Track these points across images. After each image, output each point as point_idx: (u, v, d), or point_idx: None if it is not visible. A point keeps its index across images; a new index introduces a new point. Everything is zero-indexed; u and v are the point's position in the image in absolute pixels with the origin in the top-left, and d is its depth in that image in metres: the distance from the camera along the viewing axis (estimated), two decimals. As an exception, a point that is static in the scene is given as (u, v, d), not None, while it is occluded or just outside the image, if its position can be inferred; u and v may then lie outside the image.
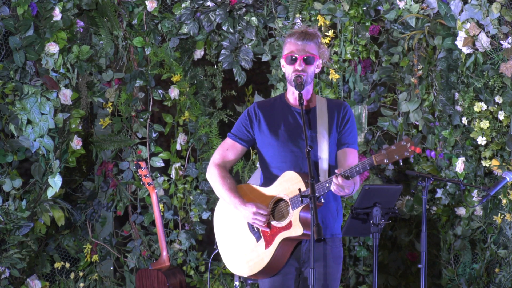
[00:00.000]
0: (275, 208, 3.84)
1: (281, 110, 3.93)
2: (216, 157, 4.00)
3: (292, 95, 3.94)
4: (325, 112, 3.92)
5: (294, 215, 3.76)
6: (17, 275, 5.44)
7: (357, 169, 3.66)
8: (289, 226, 3.77)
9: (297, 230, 3.75)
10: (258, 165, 4.10)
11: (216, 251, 4.07)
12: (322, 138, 3.86)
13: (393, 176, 5.96)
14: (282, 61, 3.93)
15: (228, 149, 3.98)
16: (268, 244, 3.80)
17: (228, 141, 3.99)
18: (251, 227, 3.86)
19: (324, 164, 3.86)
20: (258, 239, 3.83)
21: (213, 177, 3.97)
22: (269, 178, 3.90)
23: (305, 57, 3.84)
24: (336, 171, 3.70)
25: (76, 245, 5.93)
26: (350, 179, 3.67)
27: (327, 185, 3.70)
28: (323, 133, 3.87)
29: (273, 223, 3.81)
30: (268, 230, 3.82)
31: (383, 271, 5.91)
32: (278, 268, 3.82)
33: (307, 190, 3.69)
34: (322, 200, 3.79)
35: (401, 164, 5.93)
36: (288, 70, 3.88)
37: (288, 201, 3.78)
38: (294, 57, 3.85)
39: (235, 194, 3.87)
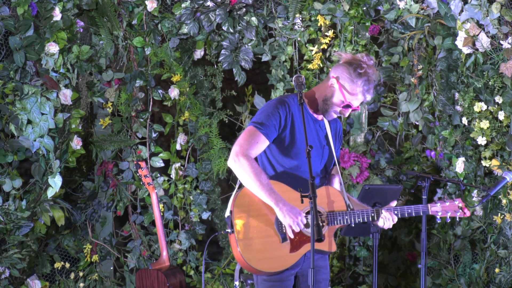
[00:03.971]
0: (307, 216, 3.80)
1: (304, 115, 3.83)
2: (246, 147, 3.76)
3: (315, 107, 3.90)
4: (329, 127, 3.97)
5: (330, 230, 3.78)
6: (17, 275, 5.44)
7: (409, 211, 3.87)
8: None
9: (331, 246, 3.80)
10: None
11: (227, 231, 3.91)
12: (333, 150, 3.94)
13: (393, 176, 5.96)
14: (336, 87, 3.81)
15: (259, 143, 3.78)
16: (294, 249, 3.77)
17: (259, 135, 3.78)
18: (278, 226, 3.79)
19: (336, 169, 3.96)
20: (283, 240, 3.78)
21: (246, 169, 3.74)
22: (279, 175, 3.84)
23: (354, 109, 3.86)
24: (391, 204, 3.87)
25: (76, 245, 5.93)
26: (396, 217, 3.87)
27: (372, 215, 3.82)
28: (333, 146, 3.95)
29: (304, 231, 3.78)
30: (295, 236, 3.79)
31: (383, 271, 5.91)
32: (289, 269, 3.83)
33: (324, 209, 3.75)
34: (353, 225, 3.85)
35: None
36: (335, 104, 3.81)
37: (325, 214, 3.78)
38: (349, 105, 3.83)
39: (275, 191, 3.72)
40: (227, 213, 3.84)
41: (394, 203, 3.89)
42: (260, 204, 3.79)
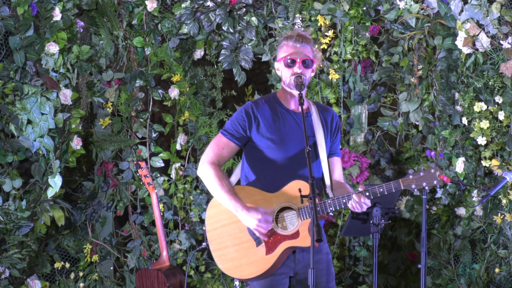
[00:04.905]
0: (279, 215, 3.80)
1: (279, 112, 3.92)
2: (210, 155, 3.89)
3: (289, 98, 3.94)
4: (318, 117, 3.95)
5: (303, 225, 3.73)
6: (17, 275, 5.44)
7: (381, 190, 3.73)
8: (296, 235, 3.74)
9: (307, 241, 3.72)
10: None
11: (203, 245, 4.00)
12: (321, 143, 3.89)
13: (393, 176, 5.96)
14: (278, 64, 3.93)
15: (223, 148, 3.89)
16: (270, 250, 3.75)
17: (223, 140, 3.90)
18: (251, 230, 3.81)
19: (325, 167, 3.89)
20: (258, 243, 3.78)
21: (209, 176, 3.86)
22: (261, 180, 3.86)
23: (304, 60, 3.85)
24: (359, 188, 3.73)
25: (76, 245, 5.93)
26: (370, 198, 3.72)
27: (344, 201, 3.72)
28: (321, 138, 3.90)
29: (278, 230, 3.76)
30: (269, 237, 3.78)
31: (383, 271, 5.91)
32: (272, 272, 3.80)
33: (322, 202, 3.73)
34: (331, 214, 3.81)
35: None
36: (285, 73, 3.88)
37: (297, 210, 3.75)
38: (293, 60, 3.85)
39: (235, 197, 3.78)
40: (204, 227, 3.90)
41: (361, 188, 3.77)
42: (230, 211, 3.82)
